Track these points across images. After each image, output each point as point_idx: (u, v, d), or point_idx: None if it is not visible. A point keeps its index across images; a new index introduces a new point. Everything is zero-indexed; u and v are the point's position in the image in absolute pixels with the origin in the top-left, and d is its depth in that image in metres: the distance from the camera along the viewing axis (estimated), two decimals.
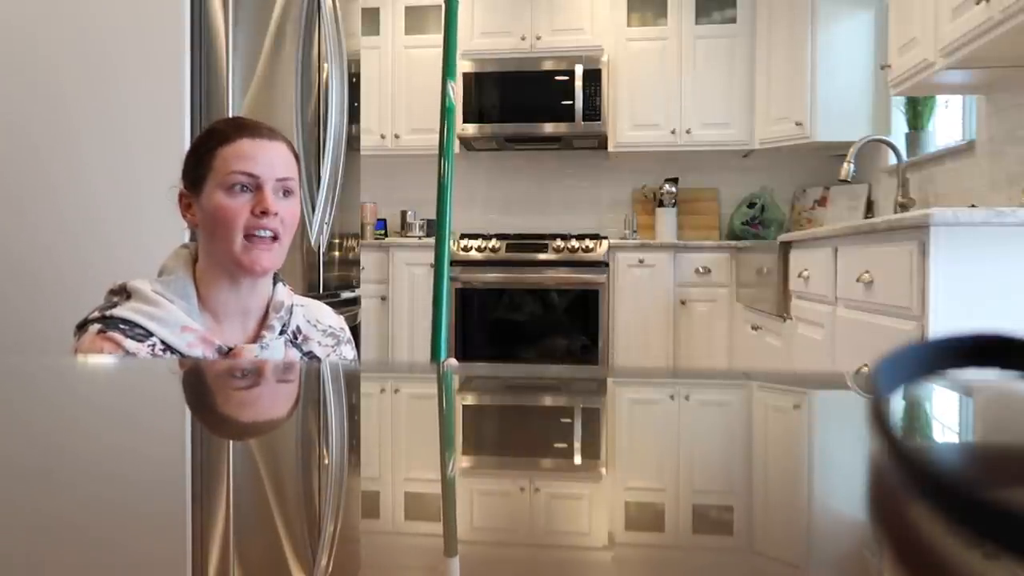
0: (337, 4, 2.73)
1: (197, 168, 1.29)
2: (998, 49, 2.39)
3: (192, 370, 0.75)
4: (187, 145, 1.70)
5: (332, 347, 1.41)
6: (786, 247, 3.28)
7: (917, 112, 3.62)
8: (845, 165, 3.51)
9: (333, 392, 0.61)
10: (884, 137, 3.70)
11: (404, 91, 4.82)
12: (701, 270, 4.29)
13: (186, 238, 1.66)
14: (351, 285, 3.05)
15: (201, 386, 0.63)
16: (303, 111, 2.53)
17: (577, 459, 0.40)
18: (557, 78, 4.55)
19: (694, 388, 0.65)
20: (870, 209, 4.30)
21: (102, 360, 0.98)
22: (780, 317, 3.31)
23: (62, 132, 2.15)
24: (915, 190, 3.60)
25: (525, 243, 4.40)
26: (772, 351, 3.47)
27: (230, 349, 1.26)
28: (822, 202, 4.65)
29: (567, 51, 4.60)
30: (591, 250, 4.31)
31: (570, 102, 4.52)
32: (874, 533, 0.28)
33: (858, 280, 2.31)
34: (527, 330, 4.38)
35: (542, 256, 4.35)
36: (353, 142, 2.97)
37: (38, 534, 0.26)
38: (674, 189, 4.70)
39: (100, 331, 1.19)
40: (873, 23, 4.10)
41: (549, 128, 4.57)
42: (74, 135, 2.14)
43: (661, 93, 4.61)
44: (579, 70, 4.51)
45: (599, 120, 4.52)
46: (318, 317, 1.42)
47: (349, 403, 0.57)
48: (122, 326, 1.20)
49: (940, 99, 3.61)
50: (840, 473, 0.37)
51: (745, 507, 0.32)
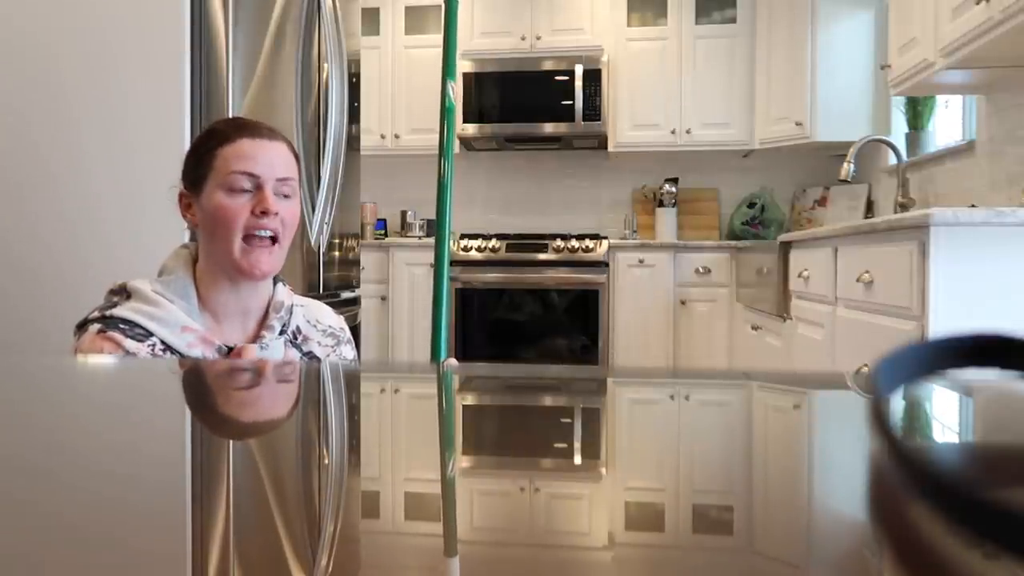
0: (337, 4, 2.73)
1: (197, 168, 1.29)
2: (998, 49, 2.39)
3: (192, 370, 0.75)
4: (187, 145, 1.70)
5: (332, 347, 1.41)
6: (786, 247, 3.28)
7: (917, 112, 3.62)
8: (845, 165, 3.51)
9: (333, 392, 0.61)
10: (884, 137, 3.70)
11: (404, 91, 4.82)
12: (701, 270, 4.29)
13: (186, 238, 1.67)
14: (351, 285, 3.05)
15: (201, 386, 0.63)
16: (303, 111, 2.53)
17: (577, 459, 0.40)
18: (557, 78, 4.55)
19: (694, 388, 0.65)
20: (870, 209, 4.30)
21: (102, 360, 0.98)
22: (780, 317, 3.31)
23: (62, 132, 2.15)
24: (915, 190, 3.60)
25: (525, 243, 4.40)
26: (772, 351, 3.47)
27: (230, 349, 1.26)
28: (822, 202, 4.65)
29: (567, 51, 4.60)
30: (591, 250, 4.31)
31: (570, 102, 4.52)
32: (874, 533, 0.28)
33: (858, 280, 2.31)
34: (527, 330, 4.38)
35: (542, 256, 4.35)
36: (353, 142, 2.97)
37: (38, 534, 0.26)
38: (674, 189, 4.69)
39: (100, 331, 1.19)
40: (873, 23, 4.10)
41: (549, 128, 4.57)
42: (74, 135, 2.15)
43: (661, 93, 4.61)
44: (579, 70, 4.51)
45: (599, 120, 4.52)
46: (318, 317, 1.42)
47: (349, 403, 0.57)
48: (122, 326, 1.20)
49: (940, 99, 3.61)
50: (840, 473, 0.37)
51: (745, 507, 0.32)
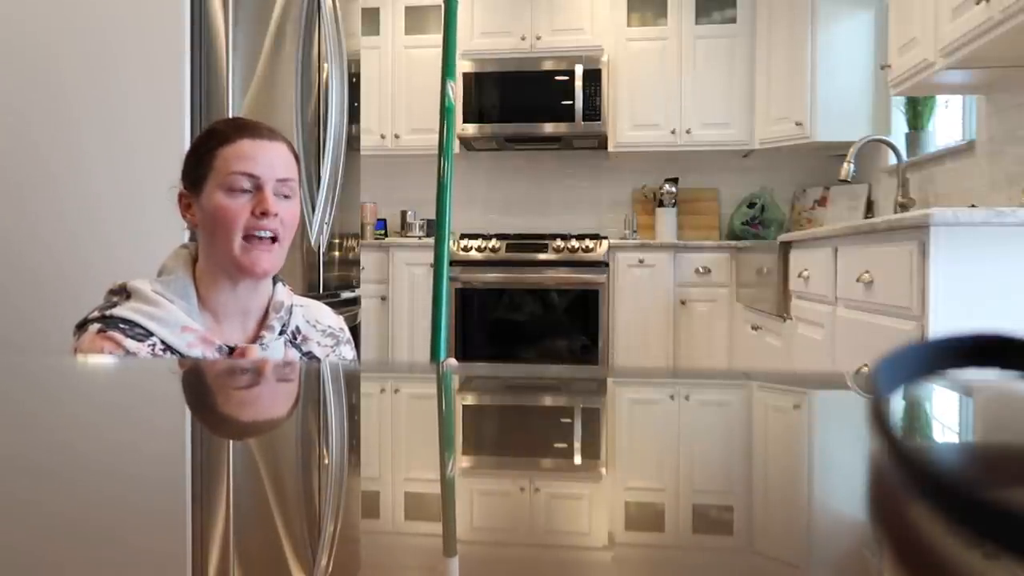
0: (337, 4, 2.73)
1: (197, 168, 1.29)
2: (998, 49, 2.39)
3: (192, 370, 0.75)
4: (187, 145, 1.70)
5: (331, 347, 1.41)
6: (786, 247, 3.28)
7: (917, 112, 3.62)
8: (845, 165, 3.51)
9: (333, 392, 0.61)
10: (884, 137, 3.70)
11: (404, 91, 4.82)
12: (701, 270, 4.29)
13: (186, 238, 1.67)
14: (351, 285, 3.05)
15: (201, 386, 0.63)
16: (303, 111, 2.53)
17: (577, 459, 0.40)
18: (557, 78, 4.55)
19: (694, 388, 0.65)
20: (870, 209, 4.30)
21: (102, 360, 0.98)
22: (780, 317, 3.31)
23: (62, 132, 2.15)
24: (915, 190, 3.60)
25: (525, 243, 4.40)
26: (772, 351, 3.47)
27: (231, 349, 1.26)
28: (822, 202, 4.65)
29: (567, 51, 4.60)
30: (591, 250, 4.31)
31: (570, 102, 4.52)
32: (874, 533, 0.28)
33: (858, 280, 2.31)
34: (527, 330, 4.38)
35: (542, 256, 4.35)
36: (353, 142, 2.97)
37: (39, 533, 0.26)
38: (674, 189, 4.69)
39: (100, 330, 1.19)
40: (873, 23, 4.10)
41: (549, 128, 4.57)
42: (74, 135, 2.15)
43: (661, 93, 4.61)
44: (579, 70, 4.50)
45: (599, 120, 4.52)
46: (317, 317, 1.42)
47: (349, 403, 0.57)
48: (122, 325, 1.20)
49: (940, 99, 3.61)
50: (840, 473, 0.37)
51: (745, 507, 0.32)
